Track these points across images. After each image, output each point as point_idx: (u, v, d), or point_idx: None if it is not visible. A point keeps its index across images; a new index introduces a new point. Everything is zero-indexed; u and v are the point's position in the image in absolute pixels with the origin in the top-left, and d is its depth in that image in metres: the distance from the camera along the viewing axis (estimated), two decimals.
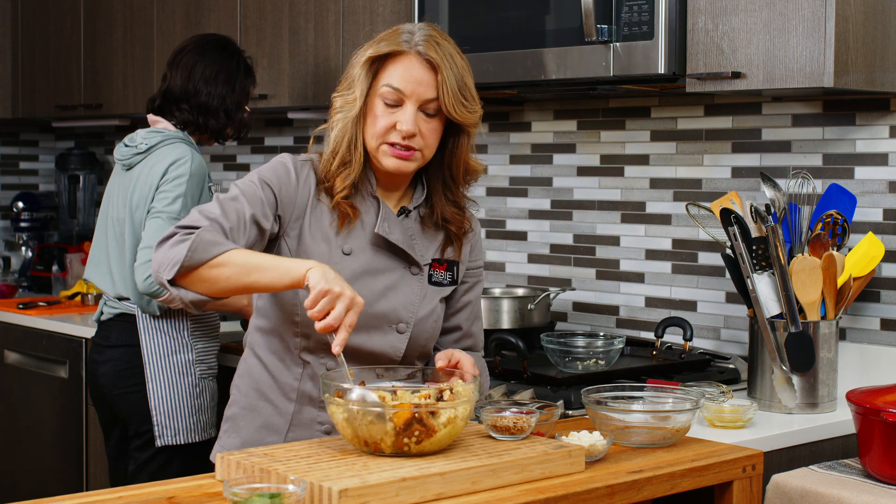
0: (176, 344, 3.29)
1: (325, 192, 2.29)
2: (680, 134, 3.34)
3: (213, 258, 2.12)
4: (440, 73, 2.22)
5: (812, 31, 2.62)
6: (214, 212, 2.20)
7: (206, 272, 2.12)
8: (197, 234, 2.13)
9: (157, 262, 2.16)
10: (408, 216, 2.34)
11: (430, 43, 2.23)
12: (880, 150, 2.95)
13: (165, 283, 2.14)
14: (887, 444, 2.28)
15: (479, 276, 2.46)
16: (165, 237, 2.17)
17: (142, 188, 3.30)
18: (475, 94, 2.28)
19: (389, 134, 2.24)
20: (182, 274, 2.13)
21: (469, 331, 2.45)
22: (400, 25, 2.30)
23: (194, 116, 3.41)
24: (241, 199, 2.23)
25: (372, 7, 3.62)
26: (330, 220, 2.29)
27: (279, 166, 2.30)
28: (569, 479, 2.01)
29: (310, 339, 2.29)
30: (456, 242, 2.38)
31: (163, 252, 2.16)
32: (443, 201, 2.35)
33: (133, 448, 3.36)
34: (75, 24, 4.82)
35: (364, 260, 2.30)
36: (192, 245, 2.11)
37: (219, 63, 3.45)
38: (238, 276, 2.12)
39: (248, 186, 2.25)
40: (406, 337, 2.32)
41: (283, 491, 1.78)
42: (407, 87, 2.22)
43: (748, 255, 2.69)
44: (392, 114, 2.23)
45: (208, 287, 2.14)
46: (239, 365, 2.43)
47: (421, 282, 2.34)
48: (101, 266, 3.44)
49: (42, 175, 5.48)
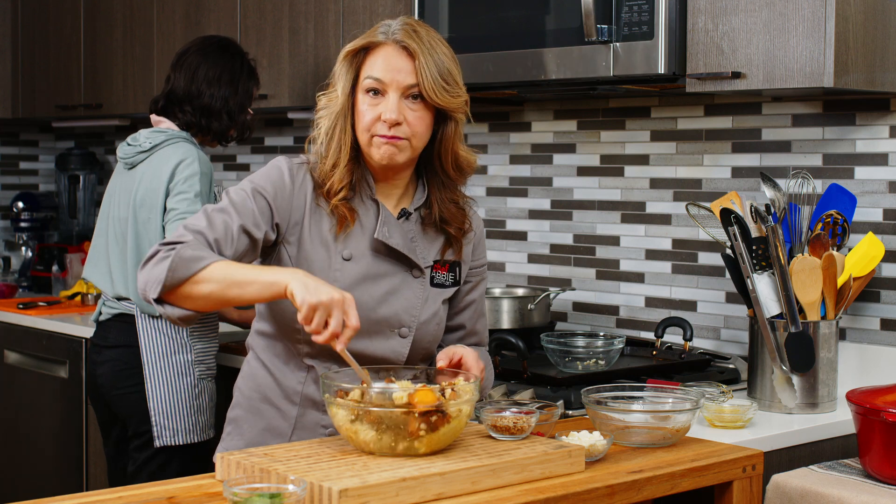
0: (175, 344, 3.29)
1: (322, 196, 2.28)
2: (680, 134, 3.34)
3: (194, 274, 2.11)
4: (417, 58, 2.22)
5: (812, 31, 2.61)
6: (199, 224, 2.20)
7: (189, 289, 2.12)
8: (176, 252, 2.12)
9: (142, 281, 2.16)
10: (408, 219, 2.33)
11: (407, 31, 2.24)
12: (880, 150, 2.95)
13: (152, 301, 2.14)
14: (887, 444, 2.28)
15: (482, 275, 2.46)
16: (149, 256, 2.17)
17: (146, 187, 3.29)
18: (459, 79, 2.28)
19: (376, 125, 2.24)
20: (166, 292, 2.13)
21: (473, 328, 2.45)
22: (381, 22, 2.30)
23: (197, 118, 3.40)
24: (229, 209, 2.22)
25: (372, 7, 3.61)
26: (329, 224, 2.28)
27: (273, 171, 2.28)
28: (569, 479, 2.01)
29: (313, 346, 2.27)
30: (456, 244, 2.37)
31: (147, 271, 2.16)
32: (442, 200, 2.34)
33: (132, 448, 3.36)
34: (75, 24, 4.82)
35: (364, 265, 2.28)
36: (172, 264, 2.11)
37: (222, 65, 3.44)
38: (219, 291, 2.11)
39: (238, 196, 2.24)
40: (409, 341, 2.31)
41: (283, 491, 1.78)
42: (386, 75, 2.23)
43: (748, 255, 2.69)
44: (376, 105, 2.24)
45: (193, 304, 2.14)
46: (242, 367, 2.42)
47: (423, 285, 2.33)
48: (100, 265, 3.44)
49: (42, 175, 5.48)
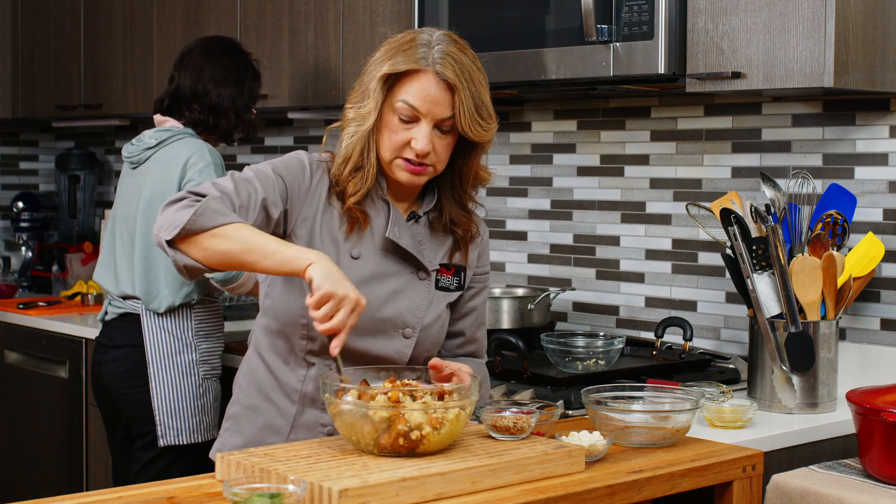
0: (180, 344, 3.29)
1: (336, 195, 2.28)
2: (680, 134, 3.34)
3: (217, 227, 2.08)
4: (457, 94, 2.18)
5: (812, 31, 2.61)
6: (228, 187, 2.18)
7: (207, 240, 2.08)
8: (204, 201, 2.09)
9: (160, 222, 2.12)
10: (417, 221, 2.33)
11: (448, 62, 2.18)
12: (880, 150, 2.95)
13: (164, 243, 2.10)
14: (887, 444, 2.28)
15: (485, 283, 2.45)
16: (173, 200, 2.14)
17: (156, 184, 3.29)
18: (492, 111, 2.24)
19: (404, 150, 2.22)
20: (182, 237, 2.09)
21: (473, 336, 2.44)
22: (416, 34, 2.24)
23: (205, 116, 3.41)
24: (254, 181, 2.21)
25: (372, 7, 3.62)
26: (339, 224, 2.28)
27: (295, 163, 2.27)
28: (569, 479, 2.01)
29: (316, 342, 2.27)
30: (463, 248, 2.36)
31: (168, 214, 2.12)
32: (451, 204, 2.34)
33: (136, 448, 3.36)
34: (75, 24, 4.82)
35: (372, 264, 2.28)
36: (199, 210, 2.08)
37: (227, 65, 3.45)
38: (238, 251, 2.08)
39: (262, 172, 2.23)
40: (412, 342, 2.31)
41: (283, 491, 1.78)
42: (423, 105, 2.19)
43: (748, 255, 2.69)
44: (407, 130, 2.21)
45: (205, 255, 2.10)
46: (242, 363, 2.42)
47: (428, 287, 2.33)
48: (107, 266, 3.44)
49: (42, 175, 5.48)
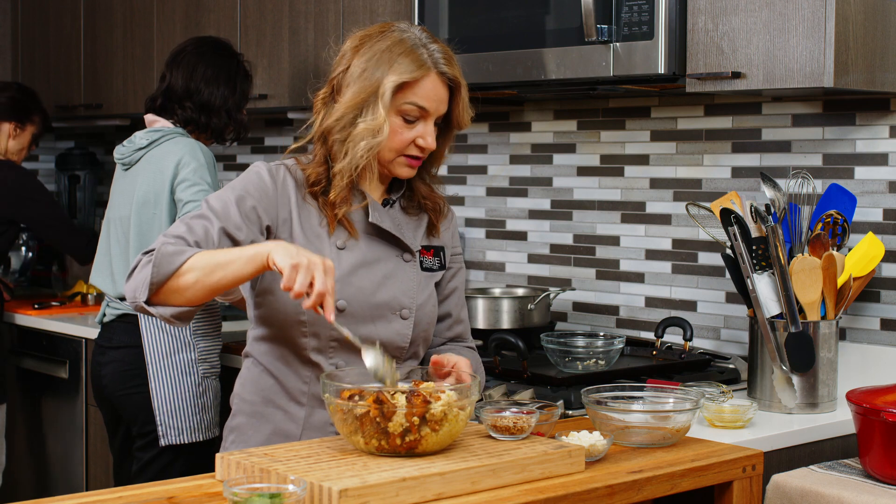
0: (178, 343, 3.29)
1: (310, 194, 2.31)
2: (680, 134, 3.34)
3: (178, 268, 2.12)
4: (459, 92, 2.31)
5: (812, 31, 2.62)
6: (179, 230, 2.22)
7: (176, 283, 2.13)
8: (157, 251, 2.14)
9: (131, 289, 2.17)
10: (392, 206, 2.38)
11: (449, 62, 2.29)
12: (880, 150, 2.95)
13: (143, 306, 2.15)
14: (887, 444, 2.28)
15: (460, 263, 2.50)
16: (133, 267, 2.19)
17: (149, 184, 3.29)
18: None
19: (409, 148, 2.30)
20: (155, 292, 2.14)
21: (459, 317, 2.49)
22: (405, 36, 2.28)
23: (197, 115, 3.42)
24: (208, 214, 2.24)
25: (372, 7, 3.62)
26: (319, 219, 2.31)
27: (252, 176, 2.31)
28: (569, 479, 2.01)
29: (319, 338, 2.28)
30: (437, 226, 2.42)
31: (133, 279, 2.18)
32: (419, 183, 2.41)
33: (136, 448, 3.36)
34: (75, 25, 4.82)
35: (358, 252, 2.31)
36: (156, 261, 2.12)
37: (219, 65, 3.47)
38: (204, 277, 2.12)
39: (217, 202, 2.25)
40: (411, 323, 2.34)
41: (283, 491, 1.78)
42: (431, 105, 2.28)
43: (748, 255, 2.69)
44: (411, 129, 2.28)
45: (183, 297, 2.15)
46: (239, 377, 2.42)
47: (415, 268, 2.37)
48: (103, 268, 3.44)
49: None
